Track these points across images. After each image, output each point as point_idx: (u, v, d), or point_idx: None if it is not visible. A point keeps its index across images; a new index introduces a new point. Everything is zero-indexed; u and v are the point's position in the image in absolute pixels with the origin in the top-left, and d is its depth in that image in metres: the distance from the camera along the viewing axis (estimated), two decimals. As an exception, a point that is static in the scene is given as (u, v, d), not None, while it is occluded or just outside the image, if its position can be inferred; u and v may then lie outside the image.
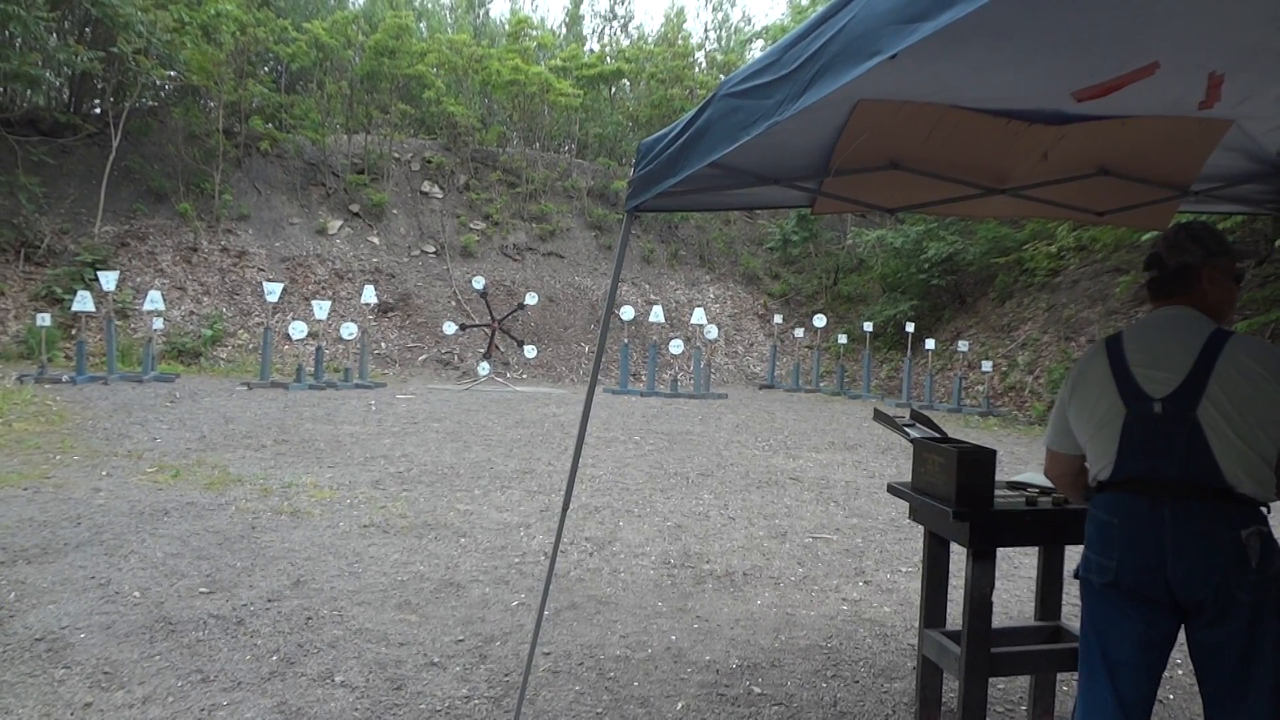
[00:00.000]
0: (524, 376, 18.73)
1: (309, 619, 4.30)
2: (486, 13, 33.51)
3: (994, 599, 3.02)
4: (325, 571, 5.07)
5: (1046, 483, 3.28)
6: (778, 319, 21.09)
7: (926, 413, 8.01)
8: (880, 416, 3.60)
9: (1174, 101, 2.58)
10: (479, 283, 17.92)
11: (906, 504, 3.40)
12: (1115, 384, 2.28)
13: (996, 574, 3.15)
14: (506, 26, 29.03)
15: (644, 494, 7.55)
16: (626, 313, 17.91)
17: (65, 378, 13.14)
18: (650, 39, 30.96)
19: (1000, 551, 3.51)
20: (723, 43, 33.67)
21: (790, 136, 2.86)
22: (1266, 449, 2.13)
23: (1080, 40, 2.11)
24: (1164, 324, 2.31)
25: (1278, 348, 2.22)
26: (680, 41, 28.03)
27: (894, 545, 6.20)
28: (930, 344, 17.75)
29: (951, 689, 3.34)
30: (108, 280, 14.52)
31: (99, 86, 19.91)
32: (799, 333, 20.40)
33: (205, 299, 17.93)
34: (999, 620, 3.63)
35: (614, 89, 28.40)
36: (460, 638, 4.16)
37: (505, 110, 26.06)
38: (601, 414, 12.77)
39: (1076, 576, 2.41)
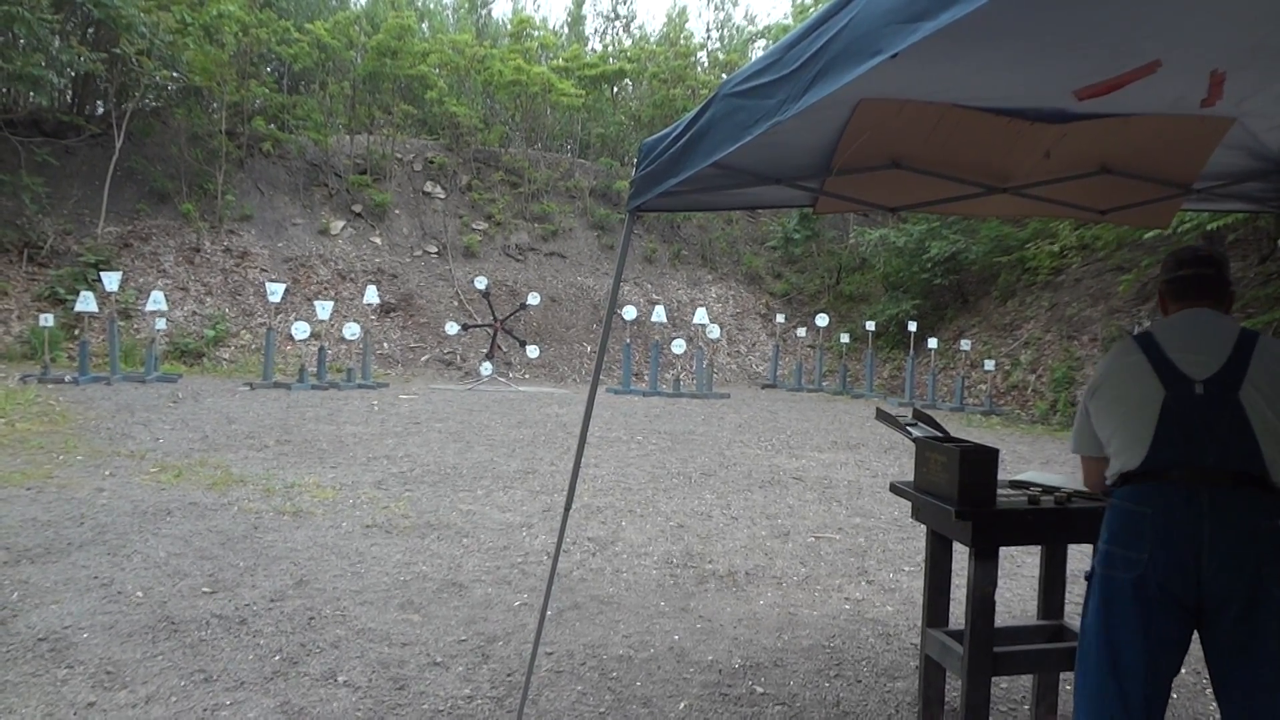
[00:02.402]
0: (526, 376, 18.74)
1: (312, 619, 4.30)
2: (489, 13, 33.53)
3: (996, 598, 3.02)
4: (328, 571, 5.07)
5: (1049, 481, 3.29)
6: (780, 318, 21.09)
7: (929, 412, 8.00)
8: (883, 415, 3.59)
9: (1176, 99, 2.58)
10: (481, 283, 17.92)
11: (909, 503, 3.40)
12: (1153, 369, 2.27)
13: (999, 573, 3.14)
14: (508, 26, 29.04)
15: (646, 494, 7.55)
16: (629, 312, 17.90)
17: (68, 378, 13.16)
18: (652, 39, 30.99)
19: (1003, 550, 3.52)
20: (725, 42, 33.70)
21: (792, 136, 2.86)
22: None
23: (1082, 39, 2.11)
24: (1196, 319, 2.34)
25: None
26: (682, 41, 28.07)
27: (897, 544, 6.19)
28: (933, 343, 17.73)
29: (954, 688, 3.34)
30: (110, 281, 14.54)
31: (102, 87, 19.93)
32: (801, 332, 20.40)
33: (208, 299, 17.96)
34: (1001, 619, 3.62)
35: (616, 89, 28.40)
36: (463, 638, 4.17)
37: (507, 110, 26.08)
38: (604, 414, 12.77)
39: (1089, 577, 2.35)
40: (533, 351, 17.81)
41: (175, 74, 19.82)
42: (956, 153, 2.99)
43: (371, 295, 16.92)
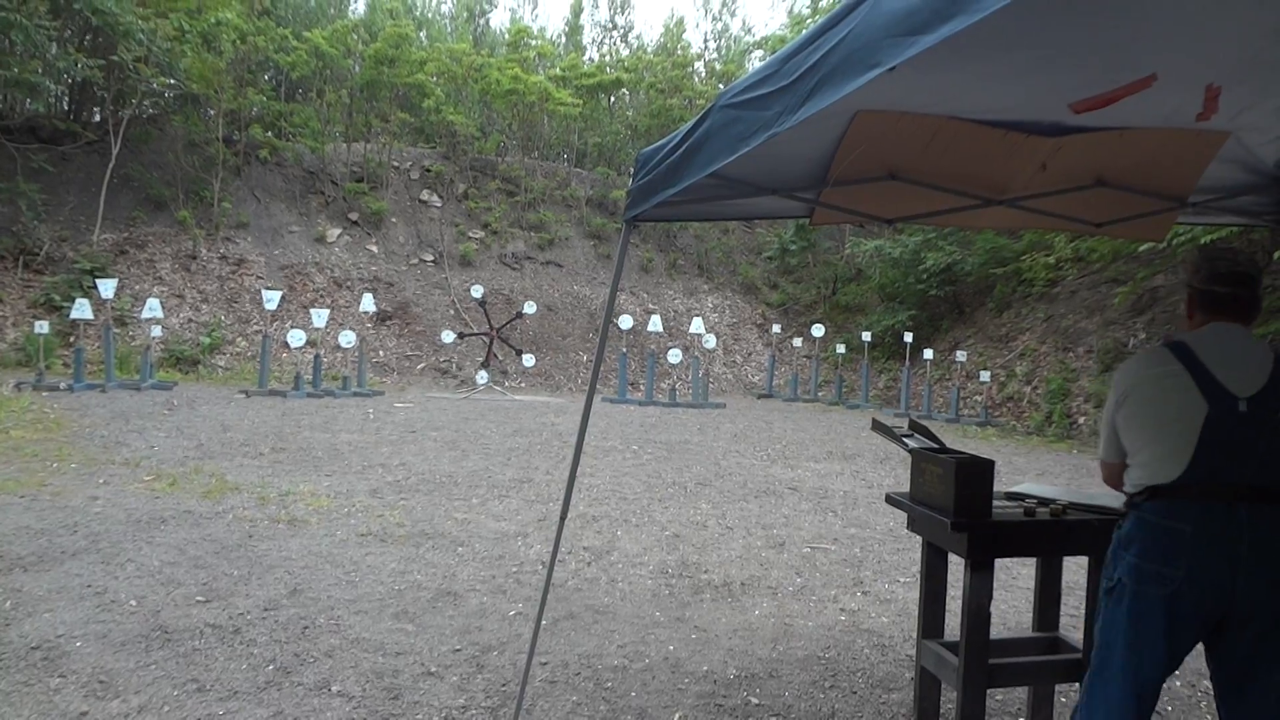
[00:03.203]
0: (522, 385, 18.72)
1: (306, 628, 4.29)
2: (486, 22, 33.61)
3: (992, 610, 3.01)
4: (322, 580, 5.05)
5: (1045, 493, 3.29)
6: (776, 328, 21.10)
7: (924, 423, 8.00)
8: (878, 426, 3.60)
9: (1171, 113, 2.59)
10: (477, 291, 17.93)
11: (905, 514, 3.39)
12: (1195, 382, 2.26)
13: (994, 585, 3.14)
14: (506, 36, 29.09)
15: (642, 503, 7.54)
16: (625, 322, 17.91)
17: (63, 385, 13.12)
18: (650, 49, 31.03)
19: (998, 562, 3.52)
20: (722, 52, 33.76)
21: (789, 147, 2.87)
22: None
23: (1078, 52, 2.12)
24: (1232, 335, 2.34)
25: None
26: (680, 51, 28.11)
27: (892, 555, 6.19)
28: (928, 354, 17.76)
29: (949, 700, 3.34)
30: (106, 288, 14.51)
31: (99, 94, 19.93)
32: (797, 342, 20.41)
33: (204, 307, 17.93)
34: (997, 631, 3.62)
35: (613, 98, 28.44)
36: (457, 647, 4.15)
37: (504, 119, 26.11)
38: (600, 423, 12.76)
39: (1112, 589, 2.34)
40: (529, 360, 17.80)
41: (173, 81, 19.79)
42: (952, 165, 3.00)
43: (368, 303, 16.90)
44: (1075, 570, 4.96)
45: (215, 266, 18.70)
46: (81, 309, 13.95)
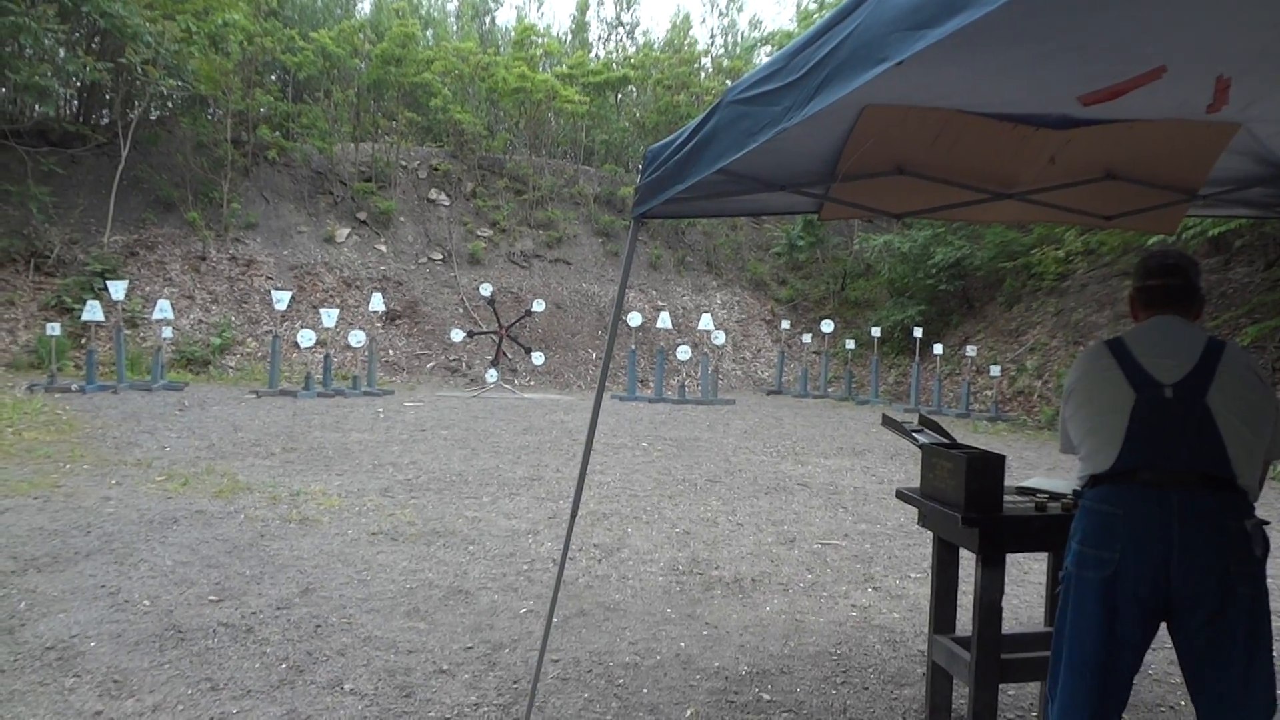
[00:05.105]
0: (531, 383, 18.75)
1: (318, 627, 4.30)
2: (492, 20, 33.64)
3: (1004, 605, 3.01)
4: (334, 579, 5.07)
5: (1055, 487, 3.28)
6: (785, 324, 21.07)
7: (935, 418, 7.98)
8: (888, 422, 3.59)
9: (1181, 105, 2.58)
10: (486, 290, 17.95)
11: (915, 510, 3.39)
12: (1123, 373, 2.32)
13: (1006, 579, 3.14)
14: (512, 34, 29.06)
15: (652, 500, 7.55)
16: (634, 319, 17.91)
17: (75, 387, 13.20)
18: (656, 45, 30.99)
19: (1010, 557, 3.51)
20: (729, 48, 33.72)
21: (797, 143, 2.86)
22: (1259, 446, 2.23)
23: (1087, 44, 2.10)
24: (1165, 326, 2.40)
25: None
26: (686, 47, 28.09)
27: (903, 551, 6.18)
28: (938, 349, 17.70)
29: (961, 695, 3.33)
30: (117, 290, 14.59)
31: (108, 97, 20.05)
32: (806, 338, 20.38)
33: (214, 307, 18.00)
34: (1009, 626, 3.61)
35: (620, 95, 28.44)
36: (469, 645, 4.16)
37: (512, 117, 26.12)
38: (609, 420, 12.77)
39: (1063, 579, 2.38)
40: (538, 358, 17.82)
41: (180, 83, 19.88)
42: (961, 159, 2.99)
43: (377, 303, 16.95)
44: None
45: (225, 267, 18.77)
46: (93, 311, 14.02)
